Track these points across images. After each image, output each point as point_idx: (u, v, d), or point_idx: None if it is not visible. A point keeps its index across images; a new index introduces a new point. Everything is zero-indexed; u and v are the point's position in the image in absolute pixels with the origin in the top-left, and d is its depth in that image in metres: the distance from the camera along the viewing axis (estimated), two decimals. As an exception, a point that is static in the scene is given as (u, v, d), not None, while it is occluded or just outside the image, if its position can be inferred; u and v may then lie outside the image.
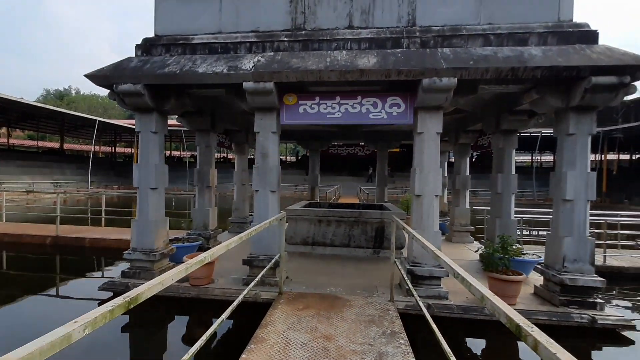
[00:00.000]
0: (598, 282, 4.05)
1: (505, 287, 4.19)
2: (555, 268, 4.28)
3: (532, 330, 0.95)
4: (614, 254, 7.26)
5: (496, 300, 1.17)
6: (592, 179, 4.09)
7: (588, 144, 4.09)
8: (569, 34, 4.09)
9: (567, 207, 4.15)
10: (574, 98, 3.95)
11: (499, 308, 1.12)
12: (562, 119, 4.21)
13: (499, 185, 6.10)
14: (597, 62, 3.68)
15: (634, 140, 28.92)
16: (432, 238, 4.43)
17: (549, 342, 0.88)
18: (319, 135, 10.42)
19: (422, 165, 4.45)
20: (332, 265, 6.04)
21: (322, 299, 4.33)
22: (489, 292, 1.25)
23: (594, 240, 4.22)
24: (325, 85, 4.68)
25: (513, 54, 4.00)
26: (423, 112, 4.43)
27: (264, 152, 4.94)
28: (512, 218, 6.07)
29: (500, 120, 5.84)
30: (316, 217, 7.07)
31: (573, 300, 4.10)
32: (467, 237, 8.42)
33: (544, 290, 4.46)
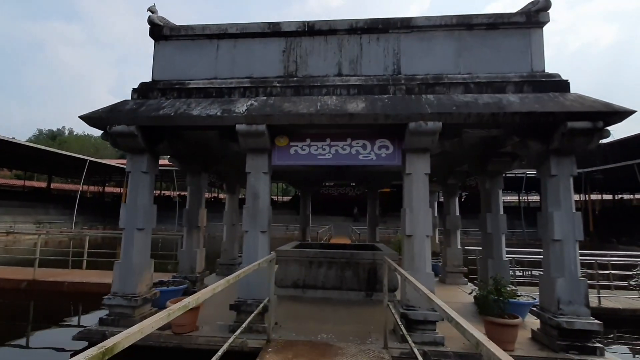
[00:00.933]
0: (595, 324, 3.95)
1: (502, 331, 4.05)
2: (550, 310, 4.19)
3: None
4: (608, 295, 7.18)
5: (492, 346, 1.13)
6: (578, 218, 4.16)
7: (571, 184, 4.22)
8: (542, 83, 4.39)
9: (556, 247, 4.16)
10: (553, 142, 4.14)
11: (495, 355, 1.08)
12: (544, 162, 4.38)
13: (489, 226, 6.14)
14: (570, 108, 3.92)
15: (614, 181, 29.87)
16: (424, 279, 4.34)
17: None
18: (310, 176, 10.52)
19: (412, 206, 4.48)
20: (323, 310, 5.81)
21: (313, 347, 4.11)
22: (484, 338, 1.21)
23: (587, 280, 4.19)
24: (315, 127, 4.82)
25: (492, 101, 4.25)
26: (411, 154, 4.55)
27: (254, 193, 4.93)
28: (504, 258, 6.03)
29: (485, 162, 6.03)
30: (307, 259, 6.91)
31: (572, 345, 3.96)
32: (460, 279, 8.28)
33: (541, 335, 4.32)
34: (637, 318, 6.30)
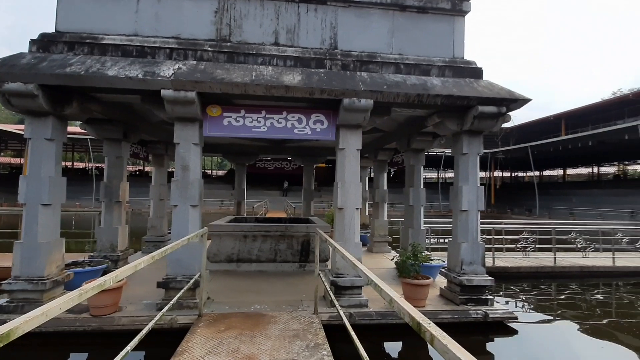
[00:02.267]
0: (488, 280, 4.69)
1: (416, 290, 4.56)
2: (455, 271, 4.83)
3: (430, 326, 1.04)
4: (500, 255, 8.51)
5: (402, 302, 1.27)
6: (481, 192, 4.78)
7: (477, 162, 4.80)
8: (461, 69, 4.80)
9: (463, 216, 4.76)
10: (466, 123, 4.62)
11: (404, 309, 1.21)
12: (458, 141, 4.88)
13: (411, 199, 6.71)
14: (482, 94, 4.39)
15: (513, 161, 34.65)
16: (353, 249, 4.63)
17: (442, 335, 0.98)
18: (246, 149, 10.21)
19: (344, 180, 4.66)
20: (257, 282, 5.86)
21: (246, 317, 4.16)
22: (396, 295, 1.35)
23: (484, 244, 4.90)
24: (250, 98, 4.64)
25: (419, 82, 4.53)
26: (344, 130, 4.68)
27: (184, 165, 4.64)
28: (422, 228, 6.70)
29: (410, 140, 6.48)
30: (242, 233, 6.83)
31: (470, 299, 4.66)
32: (385, 247, 9.00)
33: (447, 291, 4.98)
34: (519, 274, 7.59)
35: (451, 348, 0.90)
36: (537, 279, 7.49)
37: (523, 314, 5.45)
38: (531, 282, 7.30)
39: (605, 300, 6.41)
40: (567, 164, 37.10)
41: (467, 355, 0.86)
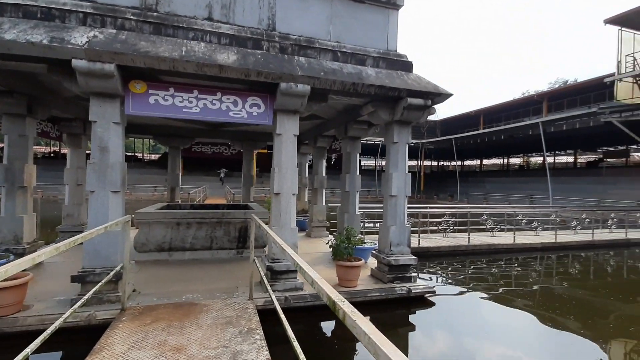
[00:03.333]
0: (413, 260, 5.09)
1: (348, 271, 4.77)
2: (385, 252, 5.15)
3: (343, 304, 1.07)
4: (425, 237, 9.29)
5: (321, 283, 1.29)
6: (409, 178, 5.12)
7: (406, 150, 5.11)
8: (394, 61, 5.01)
9: (392, 201, 5.06)
10: (397, 113, 4.86)
11: (322, 289, 1.23)
12: (389, 130, 5.12)
13: (347, 185, 6.93)
14: (411, 86, 4.64)
15: (439, 151, 37.75)
16: (289, 234, 4.64)
17: (353, 312, 1.01)
18: (180, 131, 9.52)
19: (281, 165, 4.61)
20: (191, 271, 5.60)
21: (176, 308, 3.95)
22: (317, 277, 1.37)
23: (410, 227, 5.28)
24: (180, 76, 4.28)
25: (355, 71, 4.62)
26: (282, 115, 4.59)
27: (102, 146, 4.16)
28: (356, 213, 6.97)
29: (347, 128, 6.64)
30: (174, 220, 6.42)
31: (397, 277, 5.02)
32: (323, 232, 9.22)
33: (377, 271, 5.30)
34: (440, 252, 8.39)
35: (359, 323, 0.94)
36: (454, 256, 8.35)
37: (441, 287, 6.04)
38: (449, 260, 8.11)
39: (507, 273, 7.41)
40: (484, 155, 41.58)
41: (373, 328, 0.90)
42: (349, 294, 4.72)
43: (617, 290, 6.54)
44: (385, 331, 3.92)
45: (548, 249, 9.35)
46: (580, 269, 8.04)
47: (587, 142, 28.45)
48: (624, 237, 10.55)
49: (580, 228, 11.04)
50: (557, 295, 6.04)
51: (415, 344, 4.07)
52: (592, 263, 8.65)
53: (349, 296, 4.69)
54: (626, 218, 11.79)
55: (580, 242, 9.84)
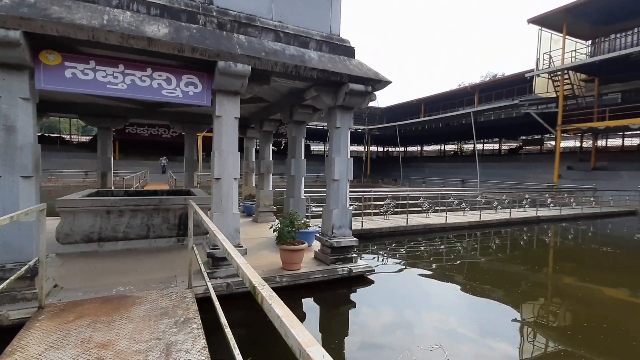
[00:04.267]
0: (354, 241, 5.28)
1: (292, 255, 4.80)
2: (328, 235, 5.26)
3: (262, 289, 1.05)
4: (368, 219, 9.70)
5: (245, 268, 1.25)
6: (351, 163, 5.23)
7: (348, 135, 5.20)
8: (337, 46, 4.99)
9: (335, 185, 5.15)
10: (339, 98, 4.89)
11: (245, 274, 1.20)
12: (332, 115, 5.15)
13: (292, 169, 6.89)
14: (353, 72, 4.68)
15: (385, 137, 39.31)
16: (231, 220, 4.51)
17: (270, 297, 0.99)
18: (110, 110, 8.60)
19: (221, 149, 4.41)
20: (124, 262, 5.20)
21: (105, 302, 3.65)
22: (243, 262, 1.32)
23: (352, 210, 5.44)
24: (103, 47, 3.81)
25: (297, 54, 4.51)
26: (221, 96, 4.35)
27: (9, 125, 3.59)
28: (302, 197, 7.00)
29: (293, 112, 6.55)
30: (104, 208, 5.86)
31: (339, 258, 5.18)
32: (270, 217, 9.13)
33: (321, 254, 5.41)
34: (382, 233, 8.83)
35: (274, 307, 0.92)
36: (395, 236, 8.85)
37: (381, 266, 6.38)
38: (390, 240, 8.58)
39: (439, 250, 8.06)
40: (424, 141, 44.26)
41: (286, 311, 0.89)
42: (292, 276, 4.76)
43: (527, 261, 7.49)
44: (327, 310, 4.02)
45: (474, 227, 10.35)
46: (498, 244, 9.05)
47: (510, 131, 31.69)
48: (535, 214, 12.06)
49: (501, 208, 12.37)
50: (480, 267, 6.73)
51: (355, 319, 4.26)
52: (509, 238, 9.78)
53: (292, 279, 4.73)
54: (537, 198, 13.47)
55: (500, 220, 11.05)
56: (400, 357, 3.26)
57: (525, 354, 3.58)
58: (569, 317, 4.70)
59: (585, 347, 3.74)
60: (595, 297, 5.47)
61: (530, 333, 4.10)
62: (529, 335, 4.04)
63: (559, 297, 5.51)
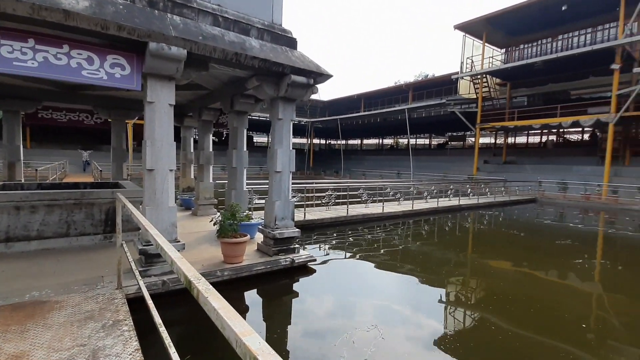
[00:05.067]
0: (296, 232, 5.32)
1: (233, 248, 4.67)
2: (270, 226, 5.22)
3: (198, 282, 1.01)
4: (311, 210, 9.85)
5: (180, 262, 1.18)
6: (293, 155, 5.23)
7: (290, 127, 5.18)
8: (279, 35, 4.90)
9: (277, 177, 5.12)
10: (281, 89, 4.83)
11: (179, 268, 1.14)
12: (274, 106, 5.08)
13: (234, 161, 6.66)
14: (295, 63, 4.65)
15: (327, 130, 40.02)
16: (166, 213, 4.22)
17: (206, 290, 0.96)
18: (20, 91, 7.38)
19: (154, 138, 4.07)
20: (41, 264, 4.57)
21: (16, 310, 3.18)
22: (177, 257, 1.25)
23: (294, 201, 5.47)
24: (9, 19, 3.24)
25: (238, 40, 4.33)
26: (153, 80, 4.00)
27: None
28: (244, 189, 6.82)
29: (234, 102, 6.30)
30: (11, 203, 5.05)
31: (282, 249, 5.18)
32: (211, 210, 8.74)
33: (263, 246, 5.36)
34: (324, 224, 9.04)
35: (210, 300, 0.89)
36: (336, 227, 9.13)
37: (323, 256, 6.55)
38: (332, 230, 8.83)
39: (377, 237, 8.53)
40: (364, 135, 46.04)
41: (223, 304, 0.86)
42: (235, 270, 4.64)
43: (451, 245, 8.31)
44: (270, 301, 4.00)
45: (407, 216, 11.14)
46: (428, 230, 9.88)
47: (439, 127, 34.53)
48: (457, 203, 13.39)
49: (430, 197, 13.49)
50: (412, 252, 7.29)
51: (298, 308, 4.33)
52: (437, 225, 10.73)
53: (235, 272, 4.62)
54: (460, 189, 14.95)
55: (429, 209, 12.06)
56: (339, 340, 3.41)
57: (449, 328, 3.99)
58: (484, 291, 5.34)
59: (498, 315, 4.30)
60: (505, 272, 6.30)
61: (454, 309, 4.59)
62: (453, 310, 4.51)
63: (476, 275, 6.23)
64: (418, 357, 3.29)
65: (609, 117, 16.57)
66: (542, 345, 3.59)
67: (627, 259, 7.78)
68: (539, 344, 3.62)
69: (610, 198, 15.99)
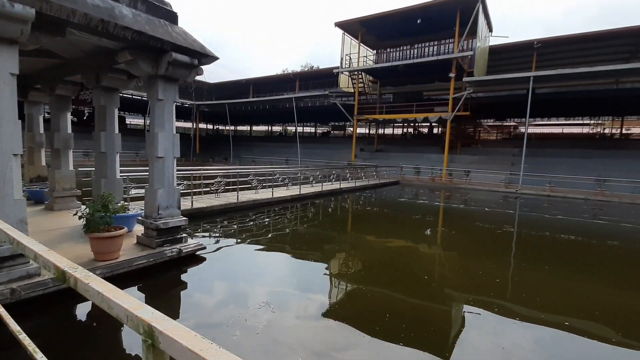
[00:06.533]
0: (183, 221, 5.01)
1: (107, 243, 4.09)
2: (152, 217, 4.76)
3: (75, 271, 0.94)
4: (198, 198, 9.32)
5: (48, 255, 1.06)
6: (177, 139, 4.84)
7: (173, 109, 4.75)
8: (156, 7, 4.38)
9: (159, 163, 4.67)
10: (161, 67, 4.36)
11: (48, 260, 1.02)
12: (153, 85, 4.57)
13: (103, 145, 5.71)
14: (176, 40, 4.26)
15: (215, 114, 37.75)
16: (11, 208, 3.40)
17: (86, 276, 0.91)
18: None
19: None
20: None
21: None
22: (42, 249, 1.11)
23: (180, 189, 5.12)
24: None
25: (105, 6, 3.69)
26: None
27: None
28: (117, 177, 5.95)
29: (100, 76, 5.35)
30: None
31: (167, 240, 4.81)
32: (73, 203, 7.29)
33: (144, 238, 4.86)
34: (213, 211, 8.70)
35: (92, 285, 0.86)
36: (226, 213, 8.91)
37: (214, 244, 6.36)
38: (222, 217, 8.58)
39: (267, 222, 8.73)
40: (254, 121, 45.30)
41: (108, 287, 0.85)
42: (110, 267, 4.09)
43: (332, 224, 9.20)
44: (157, 295, 3.74)
45: (295, 200, 11.72)
46: (314, 212, 10.65)
47: (323, 117, 36.80)
48: (339, 187, 14.78)
49: (315, 182, 14.47)
50: (300, 233, 7.78)
51: (188, 299, 4.15)
52: (321, 207, 11.66)
53: (110, 270, 4.07)
54: (340, 174, 16.50)
55: (315, 193, 12.96)
56: (231, 321, 3.46)
57: (333, 298, 4.48)
58: (360, 262, 6.19)
59: (371, 281, 5.09)
60: (376, 244, 7.41)
61: (339, 281, 5.18)
62: (338, 282, 5.09)
63: (354, 249, 7.14)
64: (306, 325, 3.63)
65: (447, 115, 20.84)
66: (404, 300, 4.47)
67: (458, 225, 10.16)
68: (399, 299, 4.50)
69: (448, 179, 20.34)
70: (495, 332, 3.68)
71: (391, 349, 3.16)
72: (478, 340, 3.50)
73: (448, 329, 3.76)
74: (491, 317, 3.93)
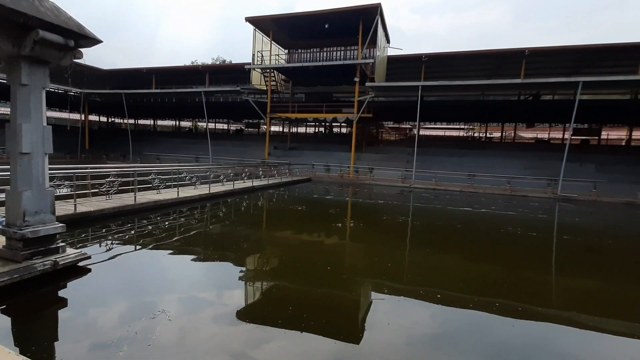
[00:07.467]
0: (59, 228, 4.23)
1: (-56, 262, 3.20)
2: (16, 225, 3.90)
3: None
4: (85, 201, 8.00)
5: None
6: (49, 132, 4.04)
7: (43, 97, 3.95)
8: (15, -27, 3.57)
9: (24, 160, 3.84)
10: (25, 47, 3.58)
11: None
12: (15, 67, 3.73)
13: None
14: (44, 16, 3.55)
15: (110, 105, 32.76)
16: None
17: None
18: None
19: None
20: None
21: None
22: None
23: (54, 190, 4.31)
24: None
25: None
26: None
27: None
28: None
29: None
30: None
31: (37, 252, 4.00)
32: None
33: (7, 251, 3.95)
34: (104, 215, 7.57)
35: None
36: (121, 217, 7.85)
37: (103, 252, 5.55)
38: (115, 221, 7.53)
39: (172, 224, 8.03)
40: (158, 115, 40.87)
41: None
42: (-51, 291, 3.20)
43: (245, 223, 9.01)
44: (27, 316, 3.13)
45: (204, 199, 11.05)
46: (225, 212, 10.23)
47: (236, 113, 35.42)
48: (251, 185, 14.50)
49: (227, 181, 13.89)
50: (209, 234, 7.37)
51: (68, 317, 3.55)
52: (233, 206, 11.27)
53: (-51, 295, 3.19)
54: (253, 172, 16.21)
55: (226, 191, 12.44)
56: (118, 336, 3.08)
57: (249, 299, 4.38)
58: (275, 258, 6.20)
59: (284, 276, 5.15)
60: (289, 240, 7.53)
61: (254, 280, 5.07)
62: (253, 281, 4.98)
63: (268, 246, 7.12)
64: (206, 329, 3.44)
65: (354, 116, 22.39)
66: (319, 292, 4.67)
67: (365, 218, 11.05)
68: (314, 292, 4.68)
69: (355, 176, 21.90)
70: (398, 313, 4.11)
71: (308, 338, 3.28)
72: (383, 321, 3.86)
73: (357, 314, 4.08)
74: (394, 300, 4.41)
